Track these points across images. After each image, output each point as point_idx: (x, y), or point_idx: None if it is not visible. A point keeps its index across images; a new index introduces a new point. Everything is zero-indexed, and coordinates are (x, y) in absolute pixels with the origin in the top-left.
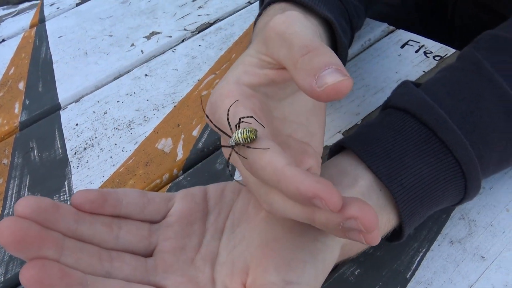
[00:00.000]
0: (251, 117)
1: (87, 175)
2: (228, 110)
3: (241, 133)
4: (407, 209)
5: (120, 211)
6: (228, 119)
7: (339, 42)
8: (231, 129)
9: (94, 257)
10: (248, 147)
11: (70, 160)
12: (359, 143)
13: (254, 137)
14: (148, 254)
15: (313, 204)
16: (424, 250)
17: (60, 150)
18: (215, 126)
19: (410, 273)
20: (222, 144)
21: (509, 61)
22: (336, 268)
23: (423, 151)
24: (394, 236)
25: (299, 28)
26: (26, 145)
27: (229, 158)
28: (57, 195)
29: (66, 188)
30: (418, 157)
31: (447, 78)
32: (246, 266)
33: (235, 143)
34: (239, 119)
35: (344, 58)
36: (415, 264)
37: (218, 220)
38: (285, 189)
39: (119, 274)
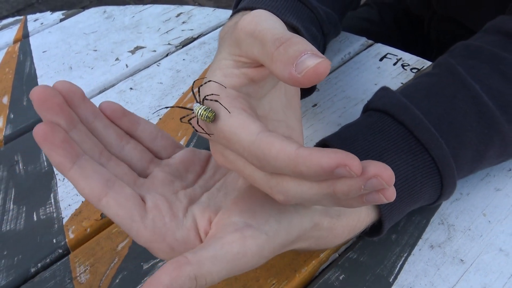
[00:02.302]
0: (216, 101)
1: (73, 187)
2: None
3: (203, 109)
4: (386, 204)
5: (135, 132)
6: (198, 92)
7: None
8: (197, 100)
9: (96, 148)
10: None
11: (55, 172)
12: (340, 141)
13: (210, 119)
14: (142, 176)
15: (336, 174)
16: (405, 254)
17: (45, 163)
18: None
19: (392, 277)
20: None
21: (480, 67)
22: (321, 273)
23: (401, 149)
24: (374, 231)
25: (267, 24)
26: (11, 158)
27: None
28: (43, 207)
29: (52, 201)
30: (396, 155)
31: (424, 83)
32: (218, 209)
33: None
34: (205, 96)
35: None
36: (397, 269)
37: (210, 179)
38: (305, 170)
39: (111, 171)
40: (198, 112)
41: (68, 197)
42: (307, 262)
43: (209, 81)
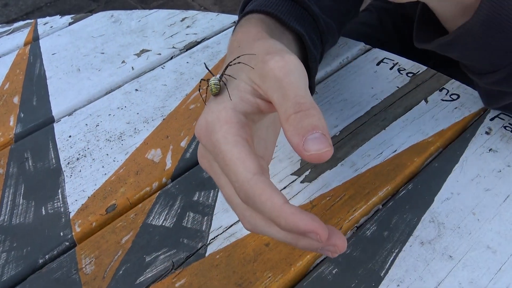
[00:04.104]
0: (239, 63)
1: (80, 183)
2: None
3: (214, 83)
4: None
5: None
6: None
7: (309, 54)
8: (224, 71)
9: None
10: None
11: (63, 169)
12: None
13: (211, 92)
14: None
15: (306, 236)
16: (396, 250)
17: (53, 160)
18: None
19: (384, 271)
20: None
21: None
22: (315, 267)
23: None
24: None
25: (295, 79)
26: (21, 155)
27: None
28: (51, 202)
29: (60, 196)
30: None
31: None
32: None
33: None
34: (228, 64)
35: (314, 68)
36: (388, 264)
37: None
38: (283, 223)
39: None
40: (210, 81)
41: (75, 193)
42: (302, 257)
43: (239, 63)
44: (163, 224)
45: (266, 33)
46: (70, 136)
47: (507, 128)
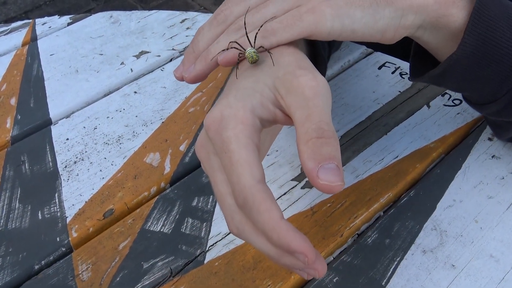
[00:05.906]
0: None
1: (77, 187)
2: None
3: (253, 51)
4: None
5: None
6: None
7: (319, 57)
8: (250, 43)
9: None
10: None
11: (60, 173)
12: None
13: (252, 59)
14: None
15: (294, 255)
16: (398, 259)
17: (51, 163)
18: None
19: (385, 280)
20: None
21: None
22: None
23: None
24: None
25: (322, 103)
26: (17, 158)
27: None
28: (48, 207)
29: (56, 200)
30: None
31: None
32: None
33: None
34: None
35: (323, 72)
36: (390, 272)
37: None
38: (274, 238)
39: None
40: (248, 50)
41: (72, 197)
42: None
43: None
44: (161, 230)
45: None
46: (67, 139)
47: None
